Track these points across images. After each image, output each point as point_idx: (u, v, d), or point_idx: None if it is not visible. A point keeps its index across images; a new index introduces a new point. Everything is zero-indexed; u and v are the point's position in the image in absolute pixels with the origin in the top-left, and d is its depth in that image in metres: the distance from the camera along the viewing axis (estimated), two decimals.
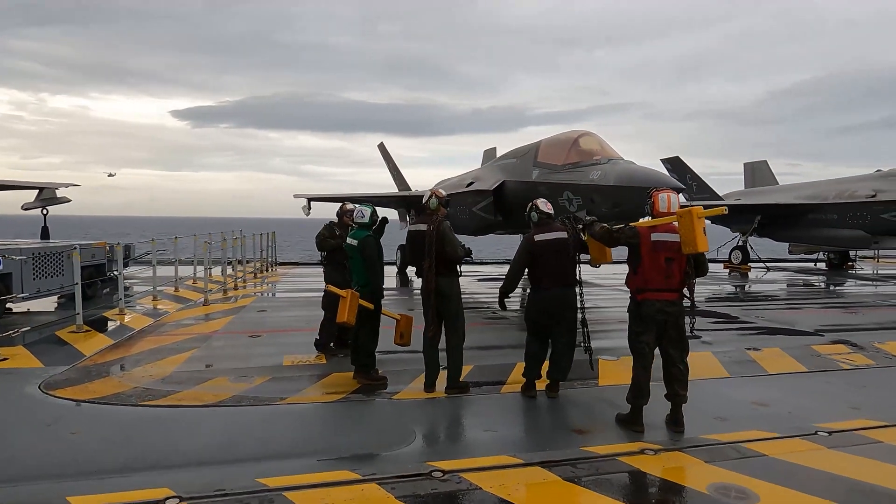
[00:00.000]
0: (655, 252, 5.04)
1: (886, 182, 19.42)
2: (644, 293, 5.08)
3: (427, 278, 6.08)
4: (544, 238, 6.09)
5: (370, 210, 6.79)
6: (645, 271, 5.06)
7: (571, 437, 4.99)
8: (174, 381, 6.54)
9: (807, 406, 5.87)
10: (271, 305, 12.00)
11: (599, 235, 5.42)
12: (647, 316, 5.06)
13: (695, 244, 4.81)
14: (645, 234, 5.10)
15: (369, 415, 5.54)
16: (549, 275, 6.03)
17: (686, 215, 4.86)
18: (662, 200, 5.21)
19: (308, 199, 19.18)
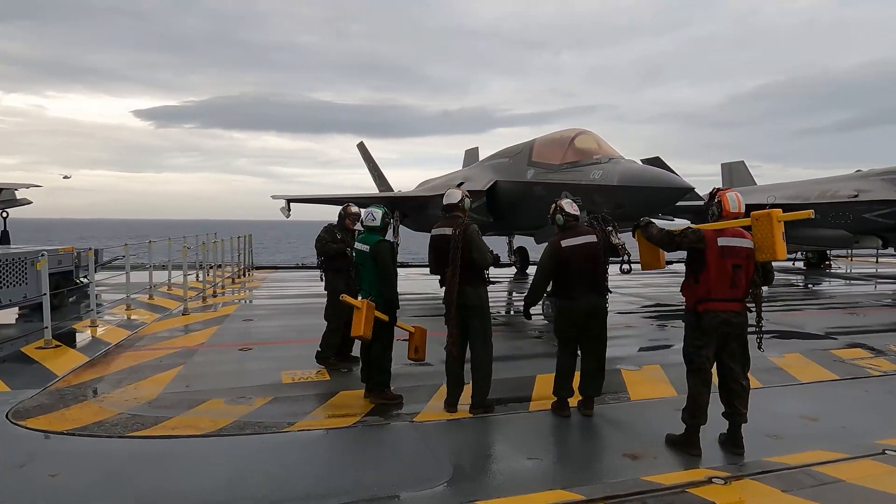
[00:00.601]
0: (722, 258, 4.55)
1: (867, 182, 19.59)
2: (707, 303, 4.60)
3: (450, 288, 5.51)
4: (573, 243, 5.59)
5: (382, 212, 6.18)
6: (710, 279, 4.57)
7: (625, 464, 4.49)
8: (163, 405, 5.82)
9: (859, 420, 5.51)
10: (257, 314, 11.23)
11: (658, 239, 4.90)
12: (710, 328, 4.58)
13: (773, 251, 4.37)
14: (711, 238, 4.59)
15: (392, 442, 4.94)
16: (580, 283, 5.54)
17: (764, 218, 4.40)
18: (732, 200, 4.69)
19: (287, 200, 18.34)
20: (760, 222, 4.42)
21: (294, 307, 12.25)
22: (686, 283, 4.79)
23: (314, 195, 19.51)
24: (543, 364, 7.61)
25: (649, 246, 5.11)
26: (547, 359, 8.00)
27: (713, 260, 4.57)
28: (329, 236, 7.54)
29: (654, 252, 5.17)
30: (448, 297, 5.52)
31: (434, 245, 5.79)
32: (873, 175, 19.93)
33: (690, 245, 4.64)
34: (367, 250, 5.99)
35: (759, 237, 4.45)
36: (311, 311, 11.36)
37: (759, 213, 4.47)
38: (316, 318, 10.56)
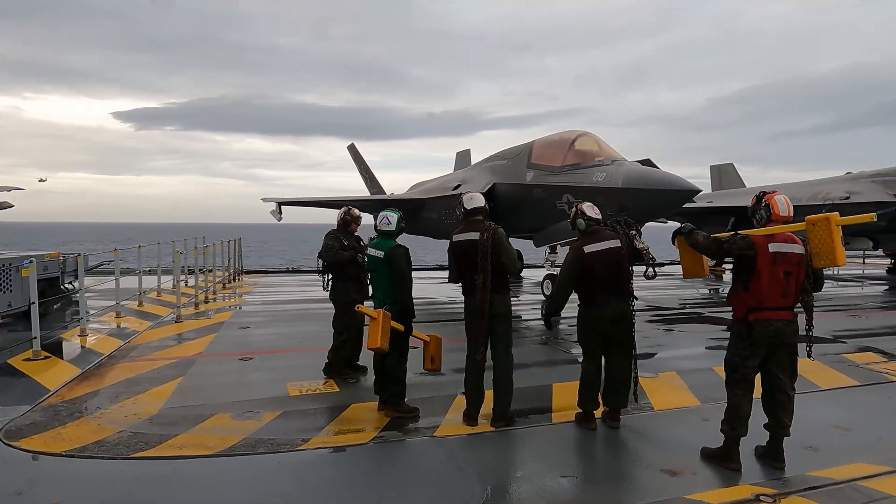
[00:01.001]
0: (774, 265, 4.34)
1: (857, 184, 19.75)
2: (759, 312, 4.38)
3: (482, 297, 5.24)
4: (596, 248, 5.38)
5: (397, 216, 5.92)
6: (761, 288, 4.36)
7: (665, 481, 4.27)
8: (166, 422, 5.49)
9: (893, 429, 5.36)
10: (253, 321, 10.86)
11: (704, 247, 4.65)
12: (762, 338, 4.37)
13: (833, 257, 4.20)
14: (762, 244, 4.38)
15: (417, 460, 4.67)
16: (604, 289, 5.33)
17: (822, 223, 4.22)
18: (781, 204, 4.48)
19: (278, 203, 17.94)
20: (818, 227, 4.24)
21: (290, 314, 11.90)
22: (734, 291, 4.56)
23: (306, 198, 19.14)
24: (557, 372, 7.43)
25: (692, 253, 4.87)
26: (559, 366, 7.84)
27: (765, 267, 4.35)
28: (337, 244, 7.21)
29: (696, 259, 4.93)
30: (480, 305, 5.26)
31: (458, 251, 5.51)
32: (864, 177, 20.11)
33: (740, 252, 4.42)
34: (382, 256, 5.72)
35: (816, 243, 4.26)
36: (309, 318, 11.08)
37: (815, 218, 4.29)
38: (315, 324, 10.30)
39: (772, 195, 4.54)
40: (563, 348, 8.74)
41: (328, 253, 7.09)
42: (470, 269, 5.38)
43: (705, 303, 14.32)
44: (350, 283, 7.13)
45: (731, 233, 4.60)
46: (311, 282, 18.12)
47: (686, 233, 4.78)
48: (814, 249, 4.34)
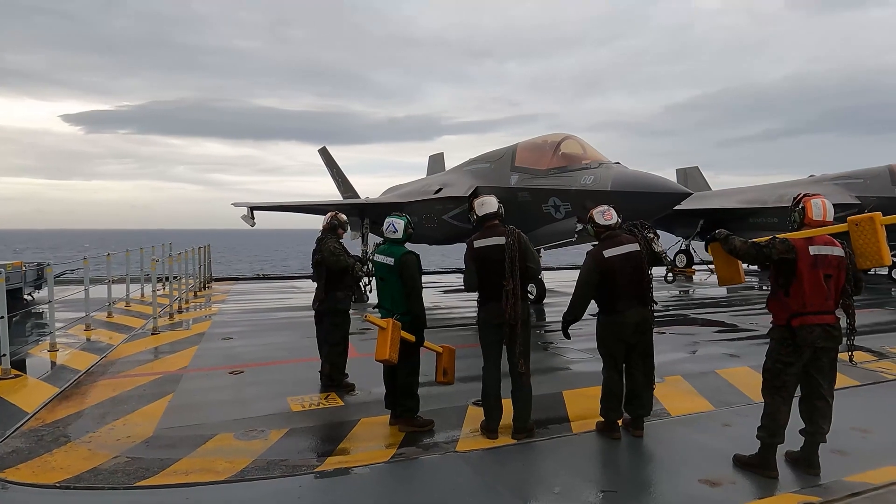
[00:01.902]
0: (815, 268, 4.25)
1: (820, 187, 20.38)
2: (802, 317, 4.27)
3: (512, 303, 5.02)
4: (616, 253, 5.22)
5: (404, 222, 5.60)
6: (803, 292, 4.26)
7: (707, 493, 4.15)
8: (164, 444, 5.10)
9: None
10: (235, 331, 10.37)
11: (743, 252, 4.50)
12: (807, 343, 4.27)
13: (879, 257, 4.12)
14: (802, 247, 4.29)
15: (446, 478, 4.42)
16: (625, 295, 5.19)
17: (866, 223, 4.14)
18: (817, 207, 4.40)
19: (250, 208, 17.36)
20: (862, 227, 4.17)
21: (274, 322, 11.44)
22: (774, 296, 4.46)
23: (278, 203, 18.62)
24: (564, 379, 7.30)
25: (728, 259, 4.73)
26: (562, 372, 7.73)
27: (806, 270, 4.26)
28: (341, 247, 6.88)
29: (732, 266, 4.79)
30: (512, 313, 5.02)
31: (483, 257, 5.22)
32: (826, 180, 20.82)
33: (780, 256, 4.32)
34: (392, 263, 5.44)
35: (860, 243, 4.19)
36: (295, 327, 10.68)
37: (858, 218, 4.22)
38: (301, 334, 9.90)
39: (809, 198, 4.47)
40: (562, 354, 8.62)
41: (339, 258, 6.70)
42: (493, 275, 5.16)
43: (686, 304, 14.49)
44: (348, 293, 6.83)
45: (770, 237, 4.51)
46: (287, 289, 17.63)
47: (722, 238, 4.65)
48: (857, 250, 4.27)
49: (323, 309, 6.89)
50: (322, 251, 6.84)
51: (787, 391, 4.40)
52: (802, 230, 4.39)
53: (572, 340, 5.98)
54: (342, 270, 6.73)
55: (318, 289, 6.92)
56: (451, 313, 13.02)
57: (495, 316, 5.12)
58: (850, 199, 19.18)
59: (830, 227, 4.36)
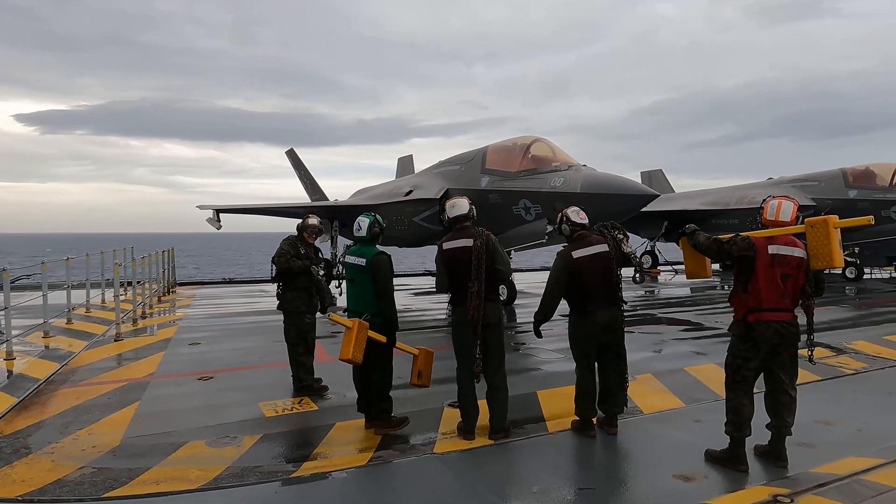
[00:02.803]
0: (772, 267, 4.41)
1: (779, 189, 21.07)
2: (758, 313, 4.43)
3: (476, 305, 5.04)
4: (585, 253, 5.29)
5: (369, 220, 5.59)
6: (760, 289, 4.42)
7: (682, 488, 4.23)
8: (133, 454, 4.94)
9: (869, 421, 5.60)
10: (202, 336, 10.13)
11: (706, 247, 4.69)
12: (762, 339, 4.42)
13: (830, 258, 4.27)
14: (762, 246, 4.44)
15: (425, 480, 4.39)
16: (595, 295, 5.25)
17: (820, 225, 4.30)
18: (772, 208, 4.58)
19: (216, 210, 17.03)
20: (816, 229, 4.32)
21: (242, 327, 11.22)
22: (734, 292, 4.62)
23: (245, 205, 18.29)
24: (536, 379, 7.36)
25: (695, 254, 4.89)
26: (535, 372, 7.78)
27: (763, 268, 4.42)
28: (293, 250, 6.82)
29: (699, 260, 4.96)
30: (474, 314, 5.05)
31: (451, 259, 5.27)
32: (784, 182, 21.53)
33: (740, 253, 4.47)
34: (364, 264, 5.41)
35: (814, 245, 4.35)
36: (264, 331, 10.50)
37: (814, 220, 4.37)
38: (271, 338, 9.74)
39: (768, 200, 4.67)
40: (535, 354, 8.69)
41: (281, 258, 6.72)
42: (463, 277, 5.18)
43: (653, 304, 14.78)
44: (299, 294, 6.78)
45: (733, 234, 4.65)
46: (254, 293, 17.33)
47: (689, 234, 4.80)
48: (811, 251, 4.43)
49: (280, 308, 6.94)
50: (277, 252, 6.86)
51: (748, 385, 4.55)
52: (762, 230, 4.56)
53: (544, 340, 6.03)
54: (286, 272, 6.72)
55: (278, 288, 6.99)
56: (424, 315, 12.99)
57: (465, 317, 5.14)
58: (805, 202, 19.86)
59: (788, 228, 4.50)
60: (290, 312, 6.85)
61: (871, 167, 19.67)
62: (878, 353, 8.61)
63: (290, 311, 6.84)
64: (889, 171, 19.06)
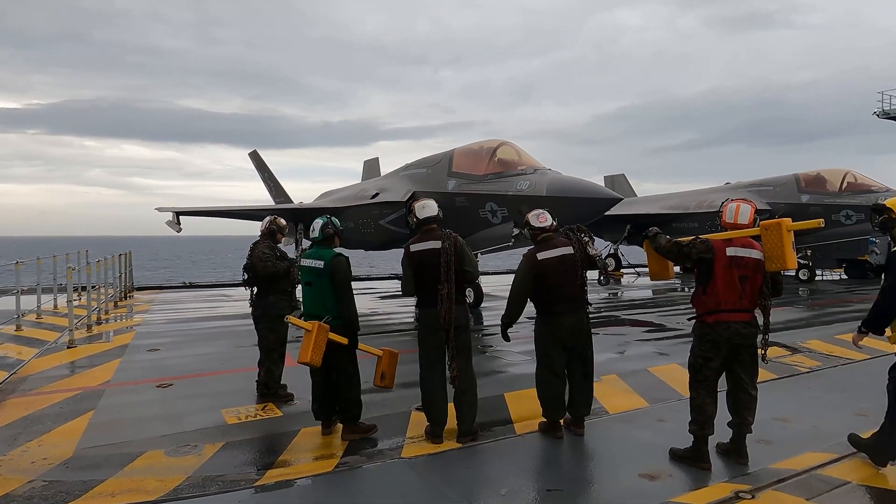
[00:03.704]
0: (730, 269, 4.52)
1: (736, 193, 21.71)
2: (717, 314, 4.53)
3: (447, 307, 5.01)
4: (550, 256, 5.30)
5: (322, 221, 5.54)
6: (718, 290, 4.52)
7: (647, 486, 4.29)
8: (86, 465, 4.75)
9: (822, 417, 5.79)
10: (162, 342, 9.82)
11: (667, 250, 4.78)
12: (722, 339, 4.53)
13: (783, 260, 4.39)
14: (720, 248, 4.55)
15: (393, 486, 4.33)
16: (560, 298, 5.26)
17: (774, 228, 4.41)
18: (731, 211, 4.69)
19: (176, 213, 16.57)
20: (770, 232, 4.44)
21: (204, 332, 10.92)
22: (695, 293, 4.72)
23: (206, 207, 17.87)
24: (503, 381, 7.37)
25: (658, 257, 4.98)
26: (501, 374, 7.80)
27: (721, 270, 4.52)
28: (273, 252, 6.68)
29: (662, 262, 5.06)
30: (447, 317, 5.02)
31: (418, 261, 5.24)
32: (741, 187, 22.20)
33: (699, 255, 4.58)
34: (322, 266, 5.33)
35: (768, 247, 4.46)
36: (227, 336, 10.27)
37: (768, 223, 4.48)
38: (234, 343, 9.55)
39: (727, 203, 4.79)
40: (502, 357, 8.72)
41: (266, 262, 6.53)
42: (430, 279, 5.15)
43: (616, 306, 15.02)
44: (283, 297, 6.65)
45: (693, 237, 4.76)
46: (217, 297, 16.93)
47: (651, 237, 4.90)
48: (766, 253, 4.55)
49: (258, 314, 6.71)
50: (252, 257, 6.69)
51: (710, 384, 4.65)
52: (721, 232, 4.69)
53: (511, 343, 6.04)
54: (272, 276, 6.55)
55: (252, 293, 6.79)
56: (391, 319, 12.90)
57: (433, 320, 5.11)
58: (761, 205, 20.52)
59: (744, 231, 4.63)
60: (272, 317, 6.61)
61: (822, 173, 20.47)
62: (830, 351, 8.93)
63: (274, 316, 6.61)
64: (839, 177, 19.86)
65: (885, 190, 19.16)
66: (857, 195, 19.31)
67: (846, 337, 9.95)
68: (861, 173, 19.93)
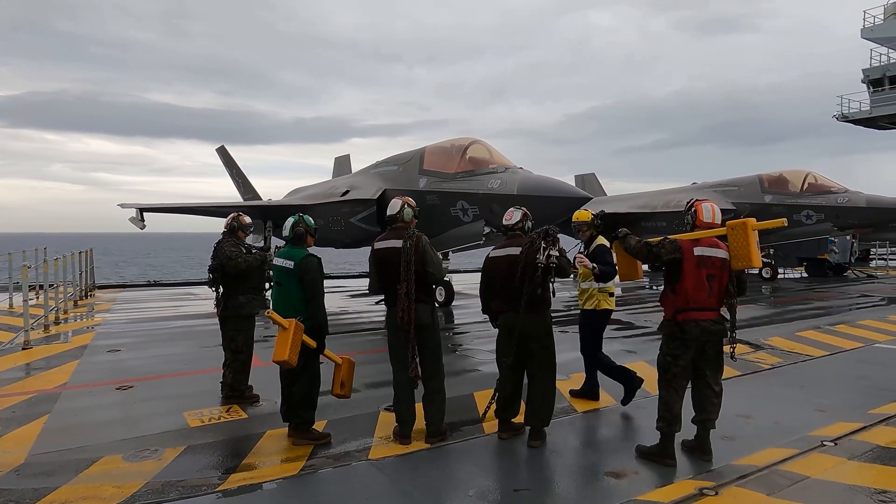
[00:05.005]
0: (699, 268, 4.60)
1: (702, 193, 22.15)
2: (686, 313, 4.61)
3: (406, 307, 4.95)
4: (496, 255, 5.31)
5: (293, 220, 5.43)
6: (687, 289, 4.60)
7: (613, 485, 4.31)
8: (39, 472, 4.56)
9: (784, 413, 5.92)
10: (124, 343, 9.54)
11: (637, 250, 4.84)
12: (691, 337, 4.60)
13: (749, 259, 4.48)
14: (688, 248, 4.63)
15: (360, 488, 4.26)
16: (500, 298, 5.21)
17: (740, 228, 4.51)
18: (706, 210, 4.77)
19: (139, 209, 16.14)
20: (736, 231, 4.52)
21: (167, 332, 10.65)
22: (664, 293, 4.79)
23: (171, 204, 17.45)
24: (473, 381, 7.36)
25: (626, 257, 5.06)
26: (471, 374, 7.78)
27: (690, 270, 4.61)
28: (239, 249, 6.51)
29: (631, 263, 5.14)
30: (405, 316, 4.96)
31: (380, 259, 5.19)
32: (707, 187, 22.66)
33: (668, 255, 4.64)
34: (292, 266, 5.24)
35: (734, 246, 4.55)
36: (192, 336, 10.05)
37: (734, 223, 4.57)
38: (198, 343, 9.34)
39: (700, 202, 4.84)
40: (472, 356, 8.70)
41: (238, 260, 6.33)
42: (393, 278, 5.08)
43: None
44: (254, 296, 6.49)
45: (662, 237, 4.80)
46: (182, 296, 16.56)
47: (620, 238, 4.94)
48: (732, 252, 4.64)
49: (226, 314, 6.52)
50: (219, 256, 6.49)
51: (679, 382, 4.72)
52: (695, 231, 4.72)
53: (481, 342, 6.02)
54: (244, 272, 6.39)
55: (218, 294, 6.57)
56: (361, 318, 12.79)
57: (393, 319, 5.07)
58: (726, 205, 20.99)
59: (711, 231, 4.72)
60: (243, 317, 6.45)
61: (785, 174, 21.04)
62: (792, 348, 9.15)
63: (244, 316, 6.45)
64: (800, 178, 20.44)
65: (843, 191, 19.79)
66: (817, 196, 19.89)
67: (807, 334, 10.26)
68: (821, 174, 20.54)
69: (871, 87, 27.95)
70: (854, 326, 11.01)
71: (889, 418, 5.67)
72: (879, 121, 28.79)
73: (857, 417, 5.71)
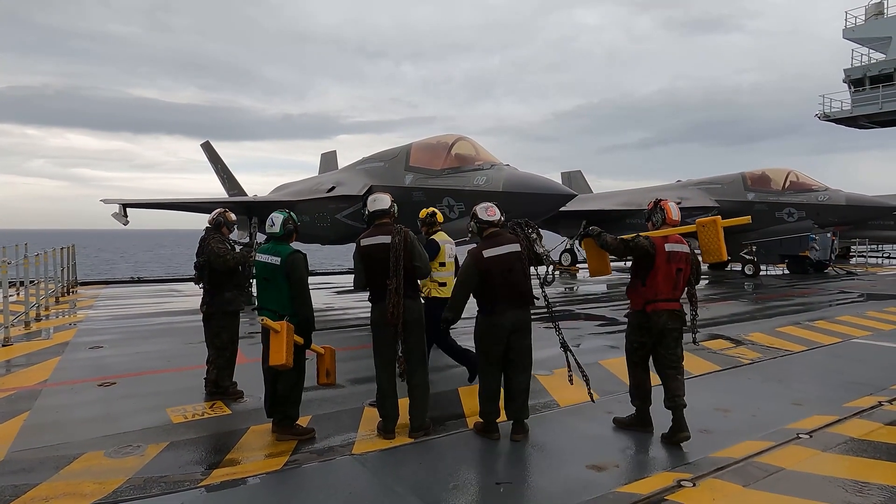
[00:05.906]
0: (669, 263, 4.97)
1: (686, 191, 22.43)
2: (654, 303, 5.01)
3: (395, 302, 4.98)
4: (496, 253, 5.14)
5: (283, 217, 5.39)
6: (658, 282, 4.98)
7: (594, 478, 4.38)
8: (19, 469, 4.53)
9: (762, 407, 6.03)
10: (106, 339, 9.46)
11: (613, 247, 5.04)
12: (657, 326, 5.02)
13: (719, 253, 4.99)
14: (660, 244, 5.00)
15: (343, 483, 4.28)
16: (503, 296, 5.10)
17: (710, 225, 4.97)
18: (674, 209, 5.19)
19: (123, 205, 15.96)
20: (707, 228, 4.85)
21: (149, 329, 10.56)
22: (632, 286, 5.14)
23: (156, 200, 17.30)
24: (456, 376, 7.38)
25: (598, 254, 5.33)
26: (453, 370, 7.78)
27: (662, 264, 4.97)
28: (225, 245, 6.49)
29: (602, 259, 5.39)
30: (394, 312, 4.99)
31: (367, 255, 5.20)
32: (691, 185, 22.90)
33: (644, 251, 4.87)
34: (278, 263, 5.23)
35: (705, 242, 4.87)
36: (175, 333, 9.98)
37: (704, 221, 4.96)
38: (181, 340, 9.29)
39: (666, 202, 5.27)
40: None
41: (225, 258, 6.29)
42: (380, 274, 5.10)
43: (572, 300, 15.30)
44: (239, 293, 6.48)
45: (634, 235, 5.01)
46: (165, 293, 16.43)
47: (595, 235, 5.14)
48: (703, 247, 5.13)
49: (211, 311, 6.49)
50: (206, 253, 6.45)
51: (645, 364, 5.25)
52: (663, 228, 5.00)
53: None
54: (231, 269, 6.37)
55: (204, 291, 6.55)
56: (346, 314, 12.78)
57: (383, 315, 5.07)
58: (710, 203, 21.26)
59: (682, 228, 5.02)
60: (228, 314, 6.44)
61: (767, 172, 21.31)
62: (771, 343, 9.31)
63: (229, 312, 6.44)
64: (782, 176, 20.73)
65: (824, 189, 20.09)
66: (798, 193, 20.19)
67: (786, 329, 10.44)
68: (803, 173, 20.85)
69: (853, 87, 28.38)
70: (832, 322, 11.22)
71: (863, 411, 5.81)
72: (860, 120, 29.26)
73: (833, 411, 5.84)
